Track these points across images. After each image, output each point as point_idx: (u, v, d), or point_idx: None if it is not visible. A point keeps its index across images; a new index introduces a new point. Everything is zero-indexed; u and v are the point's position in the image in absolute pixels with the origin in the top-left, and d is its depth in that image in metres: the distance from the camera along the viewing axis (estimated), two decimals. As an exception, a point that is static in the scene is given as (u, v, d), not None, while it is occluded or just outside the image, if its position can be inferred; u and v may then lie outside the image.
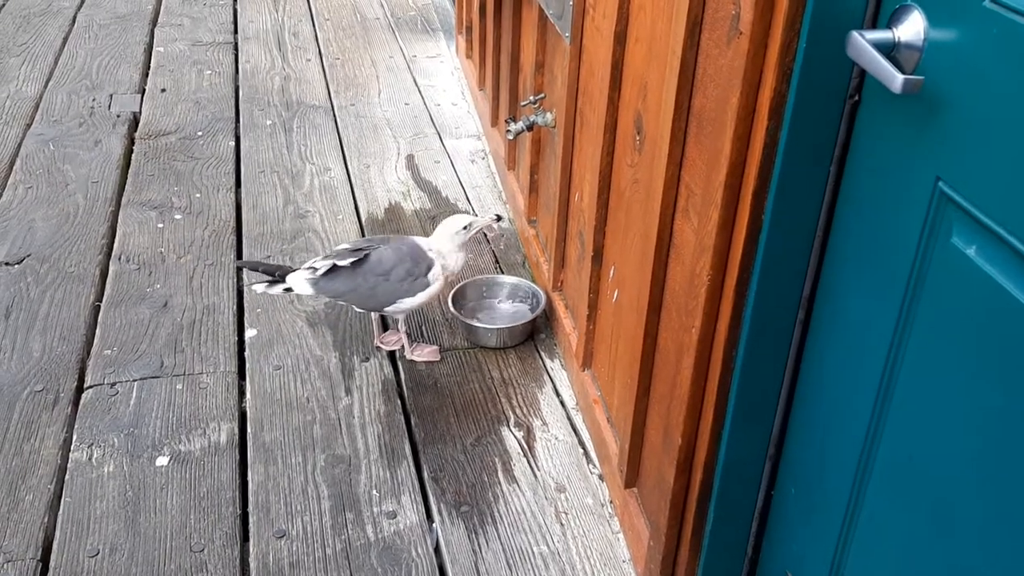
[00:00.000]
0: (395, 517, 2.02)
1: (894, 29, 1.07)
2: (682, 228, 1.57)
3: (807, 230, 1.31)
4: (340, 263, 2.26)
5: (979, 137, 0.98)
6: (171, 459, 2.15)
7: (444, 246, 2.36)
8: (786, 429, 1.49)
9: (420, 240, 2.39)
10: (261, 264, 2.38)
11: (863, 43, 1.06)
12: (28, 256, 2.87)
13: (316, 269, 2.27)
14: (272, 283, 2.31)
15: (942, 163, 1.04)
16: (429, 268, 2.34)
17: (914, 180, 1.09)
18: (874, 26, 1.14)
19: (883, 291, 1.17)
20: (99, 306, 2.67)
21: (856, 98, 1.20)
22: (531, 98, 2.61)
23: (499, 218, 2.46)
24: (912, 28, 1.06)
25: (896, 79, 1.01)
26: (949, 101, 1.01)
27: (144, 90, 4.07)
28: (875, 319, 1.19)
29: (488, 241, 3.04)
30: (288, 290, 2.29)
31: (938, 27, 1.03)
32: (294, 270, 2.31)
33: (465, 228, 2.36)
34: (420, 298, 2.35)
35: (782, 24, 1.17)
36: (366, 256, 2.29)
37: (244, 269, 2.72)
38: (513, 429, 2.28)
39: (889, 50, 1.08)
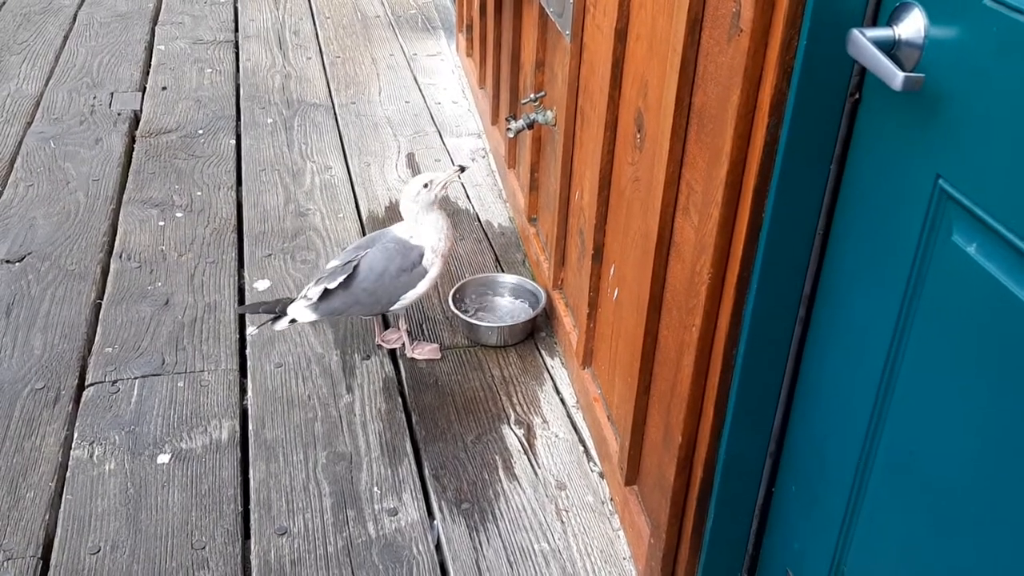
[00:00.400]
0: (396, 514, 2.02)
1: (894, 27, 1.08)
2: (683, 226, 1.57)
3: (808, 228, 1.31)
4: (330, 285, 2.25)
5: (979, 135, 0.98)
6: (172, 456, 2.15)
7: (413, 215, 2.30)
8: (786, 426, 1.49)
9: (400, 230, 2.35)
10: (261, 305, 2.35)
11: (864, 41, 1.06)
12: (29, 254, 2.87)
13: (310, 298, 2.26)
14: (276, 319, 2.29)
15: (942, 161, 1.04)
16: (421, 256, 2.32)
17: (914, 178, 1.09)
18: (874, 24, 1.14)
19: (884, 288, 1.17)
20: (100, 304, 2.67)
21: (856, 96, 1.20)
22: (532, 96, 2.61)
23: (462, 169, 2.38)
24: (912, 26, 1.06)
25: (896, 77, 1.01)
26: (949, 99, 1.02)
27: (145, 88, 4.07)
28: (875, 316, 1.19)
29: (489, 240, 3.04)
30: (293, 321, 2.28)
31: (938, 25, 1.03)
32: (292, 301, 2.29)
33: (426, 186, 2.28)
34: (423, 287, 2.34)
35: (783, 22, 1.17)
36: (355, 268, 2.28)
37: (247, 314, 2.60)
38: (514, 427, 2.28)
39: (889, 48, 1.08)
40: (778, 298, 1.37)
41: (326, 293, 2.25)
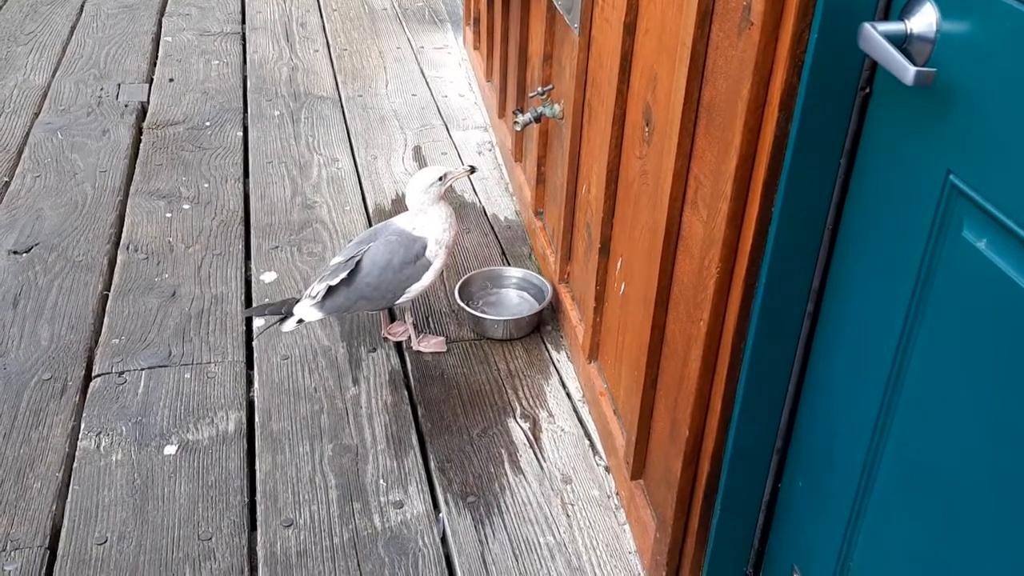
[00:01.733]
0: (402, 507, 2.02)
1: (906, 21, 1.07)
2: (691, 220, 1.57)
3: (817, 222, 1.31)
4: (333, 282, 2.24)
5: (991, 130, 0.97)
6: (179, 448, 2.15)
7: (420, 205, 2.29)
8: (794, 421, 1.49)
9: (403, 222, 2.35)
10: (267, 307, 2.36)
11: (875, 35, 1.05)
12: (36, 245, 2.88)
13: (314, 296, 2.26)
14: (283, 320, 2.29)
15: (953, 156, 1.04)
16: (424, 247, 2.32)
17: (925, 173, 1.09)
18: (886, 18, 1.13)
19: (893, 284, 1.17)
20: (107, 295, 2.67)
21: (867, 90, 1.20)
22: (539, 89, 2.61)
23: (473, 169, 2.40)
24: (924, 20, 1.05)
25: (908, 71, 1.01)
26: (961, 94, 1.01)
27: (152, 80, 4.07)
28: (884, 312, 1.19)
29: (495, 233, 3.04)
30: (301, 322, 2.28)
31: (950, 19, 1.02)
32: (298, 301, 2.30)
33: (440, 179, 2.29)
34: (427, 279, 2.34)
35: (794, 15, 1.17)
36: (358, 263, 2.27)
37: (253, 317, 2.60)
38: (519, 420, 2.28)
39: (901, 42, 1.07)
40: (787, 292, 1.36)
41: (330, 290, 2.25)
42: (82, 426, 2.21)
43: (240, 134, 3.63)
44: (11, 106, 3.78)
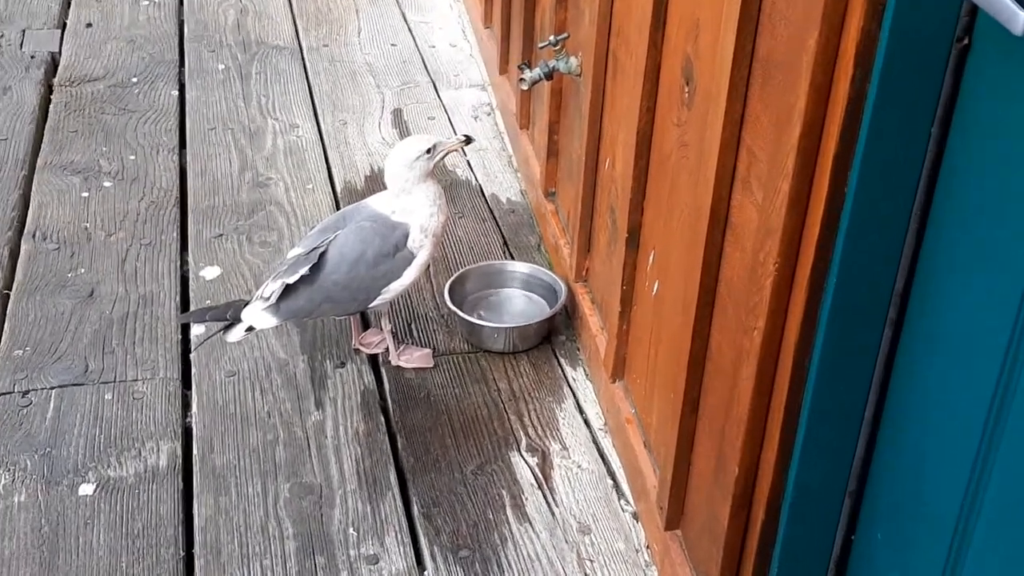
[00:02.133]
0: (377, 563, 2.03)
1: (1016, -46, 1.07)
2: (742, 203, 1.57)
3: (901, 207, 1.31)
4: (291, 280, 2.24)
5: (1123, 91, 0.97)
6: (97, 487, 2.16)
7: (402, 184, 2.29)
8: (871, 458, 1.49)
9: (379, 204, 2.35)
10: (207, 311, 2.37)
11: (977, -27, 1.05)
12: (-80, 232, 2.89)
13: (267, 298, 2.25)
14: (228, 328, 2.29)
15: (1075, 124, 1.04)
16: (405, 236, 2.31)
17: (1039, 145, 1.09)
18: (990, -50, 1.13)
19: (998, 283, 1.17)
20: (8, 295, 2.68)
21: (965, 41, 1.20)
22: (551, 39, 2.61)
23: (469, 140, 2.40)
24: (1040, -47, 1.05)
25: (1018, 18, 1.01)
26: (1085, 45, 1.01)
27: (65, 25, 4.08)
28: (986, 320, 1.19)
29: (496, 219, 3.05)
30: (251, 330, 2.28)
31: (1073, -48, 1.02)
32: (247, 303, 2.28)
33: (429, 152, 2.28)
34: (409, 276, 2.34)
35: (873, -53, 1.17)
36: (322, 256, 2.28)
37: (192, 324, 2.56)
38: (525, 454, 2.29)
39: (1009, -19, 1.07)
40: (863, 294, 1.37)
41: (287, 290, 2.25)
42: (-24, 459, 2.22)
43: (175, 93, 3.64)
44: None
